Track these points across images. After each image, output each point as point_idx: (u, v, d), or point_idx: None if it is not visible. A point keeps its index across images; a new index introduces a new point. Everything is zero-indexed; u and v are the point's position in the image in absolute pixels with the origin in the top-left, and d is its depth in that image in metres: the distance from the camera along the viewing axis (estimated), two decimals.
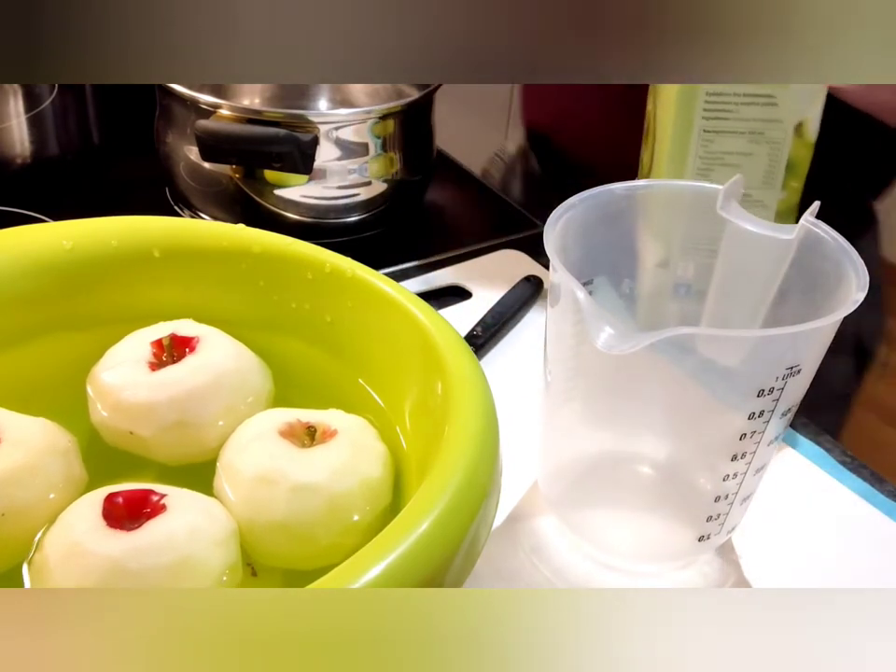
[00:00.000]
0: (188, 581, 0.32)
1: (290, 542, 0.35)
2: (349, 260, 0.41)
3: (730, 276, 0.40)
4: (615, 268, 0.41)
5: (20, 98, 0.72)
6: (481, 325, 0.55)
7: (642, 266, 0.41)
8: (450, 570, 0.29)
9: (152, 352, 0.40)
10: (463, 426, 0.33)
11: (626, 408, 0.40)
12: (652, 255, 0.41)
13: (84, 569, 0.31)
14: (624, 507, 0.42)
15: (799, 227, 0.37)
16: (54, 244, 0.42)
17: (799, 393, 0.36)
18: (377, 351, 0.41)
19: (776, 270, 0.38)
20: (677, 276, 0.42)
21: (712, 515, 0.39)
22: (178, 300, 0.43)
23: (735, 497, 0.38)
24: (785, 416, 0.36)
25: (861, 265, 0.36)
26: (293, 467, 0.35)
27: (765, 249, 0.38)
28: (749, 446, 0.36)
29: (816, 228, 0.38)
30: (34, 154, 0.73)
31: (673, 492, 0.42)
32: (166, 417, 0.38)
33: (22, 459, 0.34)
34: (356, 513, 0.35)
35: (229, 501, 0.35)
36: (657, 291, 0.42)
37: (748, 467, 0.37)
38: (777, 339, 0.33)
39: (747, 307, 0.40)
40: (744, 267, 0.39)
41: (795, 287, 0.39)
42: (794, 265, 0.38)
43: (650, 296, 0.41)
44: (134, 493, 0.33)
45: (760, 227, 0.38)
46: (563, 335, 0.38)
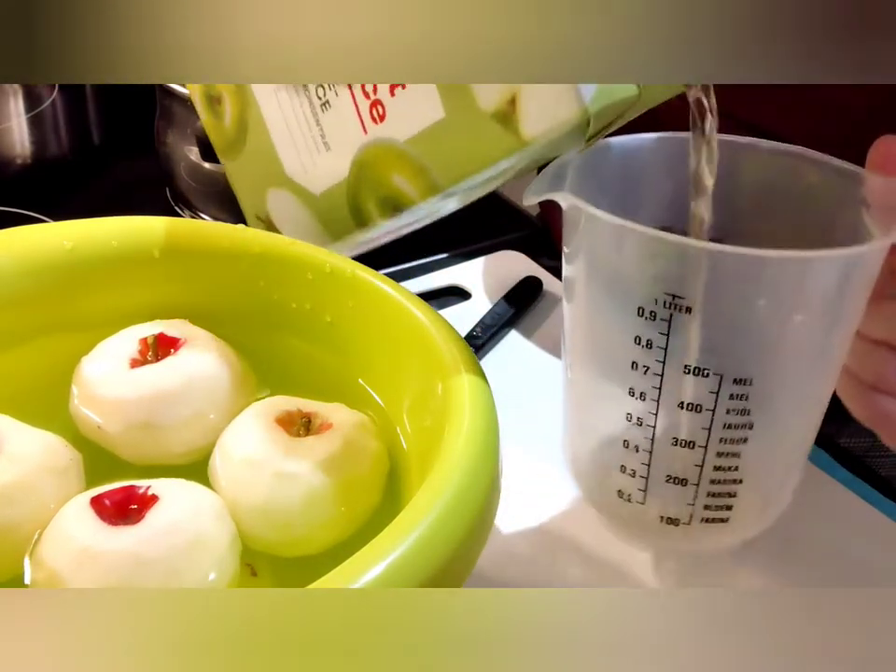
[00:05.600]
0: (204, 556, 0.32)
1: (268, 528, 0.35)
2: (349, 261, 0.41)
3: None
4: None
5: (20, 98, 0.72)
6: (480, 325, 0.55)
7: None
8: (450, 570, 0.29)
9: (138, 349, 0.40)
10: (463, 426, 0.33)
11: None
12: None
13: (103, 570, 0.31)
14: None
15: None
16: (54, 244, 0.42)
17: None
18: (377, 351, 0.41)
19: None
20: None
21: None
22: (178, 300, 0.43)
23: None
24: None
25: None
26: (279, 454, 0.35)
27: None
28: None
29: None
30: (34, 154, 0.73)
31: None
32: (133, 416, 0.37)
33: (17, 476, 0.34)
34: (334, 508, 0.35)
35: (218, 480, 0.36)
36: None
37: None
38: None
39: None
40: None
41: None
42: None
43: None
44: (116, 491, 0.33)
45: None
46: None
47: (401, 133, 0.37)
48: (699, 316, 0.33)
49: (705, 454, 0.35)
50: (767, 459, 0.37)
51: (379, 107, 0.37)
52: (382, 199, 0.40)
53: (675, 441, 0.35)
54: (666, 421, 0.35)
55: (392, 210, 0.40)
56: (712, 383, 0.34)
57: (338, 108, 0.39)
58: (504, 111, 0.34)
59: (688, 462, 0.36)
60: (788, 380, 0.36)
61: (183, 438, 0.38)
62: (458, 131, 0.36)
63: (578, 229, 0.35)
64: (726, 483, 0.36)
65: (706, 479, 0.36)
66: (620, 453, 0.37)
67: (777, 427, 0.36)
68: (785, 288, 0.33)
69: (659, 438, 0.36)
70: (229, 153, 0.46)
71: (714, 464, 0.36)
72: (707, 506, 0.37)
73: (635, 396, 0.35)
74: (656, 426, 0.35)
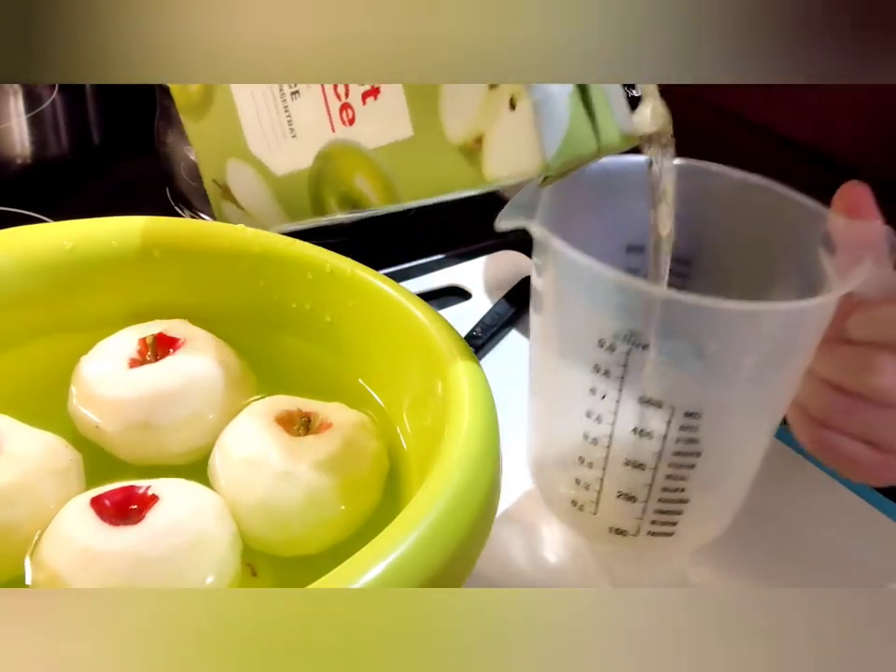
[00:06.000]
0: (205, 555, 0.32)
1: (267, 527, 0.35)
2: (349, 261, 0.41)
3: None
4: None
5: (20, 98, 0.72)
6: (480, 325, 0.55)
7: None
8: (450, 570, 0.29)
9: (137, 349, 0.40)
10: (463, 426, 0.33)
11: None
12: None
13: (104, 570, 0.31)
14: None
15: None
16: (54, 244, 0.42)
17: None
18: (377, 351, 0.41)
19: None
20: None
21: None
22: (178, 300, 0.43)
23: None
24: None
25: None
26: (278, 454, 0.35)
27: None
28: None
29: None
30: (34, 154, 0.73)
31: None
32: (131, 416, 0.38)
33: (17, 476, 0.34)
34: (334, 508, 0.35)
35: (218, 479, 0.36)
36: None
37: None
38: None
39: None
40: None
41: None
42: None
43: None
44: (116, 492, 0.33)
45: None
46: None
47: (369, 140, 0.38)
48: (655, 353, 0.34)
49: (654, 474, 0.37)
50: (713, 482, 0.39)
51: (349, 111, 0.38)
52: (342, 195, 0.40)
53: (627, 462, 0.37)
54: (620, 443, 0.37)
55: (351, 207, 0.40)
56: (665, 413, 0.35)
57: (308, 100, 0.39)
58: (470, 147, 0.35)
59: (638, 481, 0.37)
60: (736, 413, 0.37)
61: (181, 438, 0.38)
62: (424, 153, 0.36)
63: (546, 253, 0.36)
64: (673, 501, 0.38)
65: (654, 497, 0.38)
66: (576, 467, 0.38)
67: (724, 454, 0.38)
68: (736, 335, 0.34)
69: (612, 458, 0.37)
70: (191, 114, 0.45)
71: (663, 485, 0.37)
72: (653, 521, 0.38)
73: (592, 418, 0.37)
74: (610, 446, 0.37)
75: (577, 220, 0.37)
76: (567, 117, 0.33)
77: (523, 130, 0.33)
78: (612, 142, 0.35)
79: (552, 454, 0.41)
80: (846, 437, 0.37)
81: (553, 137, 0.33)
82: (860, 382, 0.36)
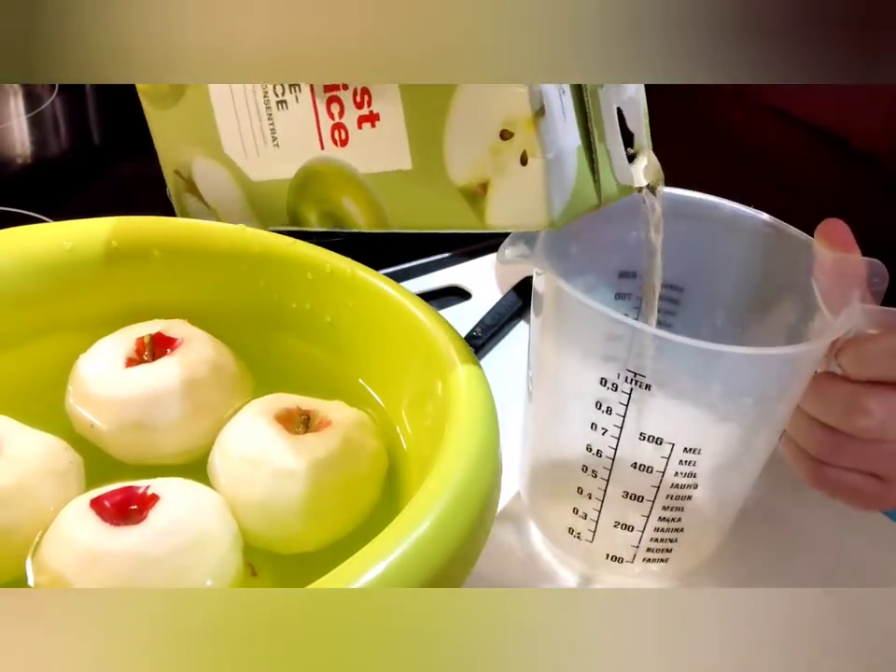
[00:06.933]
0: (206, 554, 0.32)
1: (266, 525, 0.35)
2: (349, 261, 0.41)
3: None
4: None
5: (20, 98, 0.72)
6: (480, 325, 0.55)
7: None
8: (450, 570, 0.29)
9: (134, 349, 0.40)
10: (463, 426, 0.33)
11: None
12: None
13: (106, 570, 0.31)
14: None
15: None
16: (54, 244, 0.42)
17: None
18: (377, 351, 0.41)
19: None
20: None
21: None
22: (178, 300, 0.43)
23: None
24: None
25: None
26: (277, 452, 0.35)
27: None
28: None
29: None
30: (34, 154, 0.73)
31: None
32: (126, 416, 0.38)
33: (16, 478, 0.34)
34: (333, 507, 0.35)
35: (218, 478, 0.36)
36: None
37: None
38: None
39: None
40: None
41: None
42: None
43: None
44: (116, 492, 0.33)
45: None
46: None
47: (362, 164, 0.38)
48: (658, 393, 0.35)
49: (652, 506, 0.38)
50: (708, 511, 0.40)
51: (342, 131, 0.37)
52: (325, 212, 0.40)
53: (625, 494, 0.38)
54: (619, 477, 0.37)
55: (333, 224, 0.40)
56: (664, 449, 0.36)
57: (296, 113, 0.39)
58: (473, 191, 0.35)
59: (636, 512, 0.38)
60: (733, 448, 0.38)
61: (175, 438, 0.38)
62: (422, 187, 0.36)
63: (550, 288, 0.36)
64: (669, 531, 0.39)
65: (651, 527, 0.38)
66: (574, 497, 0.39)
67: (720, 486, 0.39)
68: (736, 377, 0.35)
69: (611, 490, 0.38)
70: (156, 102, 0.44)
71: (660, 515, 0.38)
72: (649, 549, 0.39)
73: (592, 451, 0.37)
74: (609, 479, 0.38)
75: (572, 245, 0.38)
76: (574, 176, 0.34)
77: (532, 187, 0.33)
78: (611, 196, 0.35)
79: (547, 482, 0.42)
80: (843, 471, 0.37)
81: (561, 197, 0.34)
82: (849, 423, 0.36)
